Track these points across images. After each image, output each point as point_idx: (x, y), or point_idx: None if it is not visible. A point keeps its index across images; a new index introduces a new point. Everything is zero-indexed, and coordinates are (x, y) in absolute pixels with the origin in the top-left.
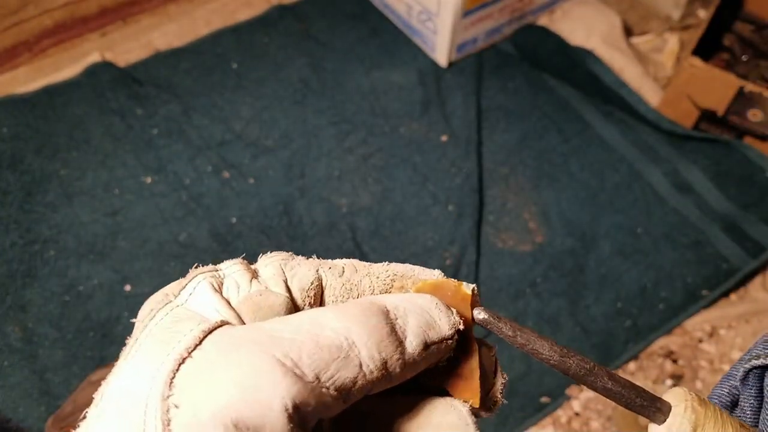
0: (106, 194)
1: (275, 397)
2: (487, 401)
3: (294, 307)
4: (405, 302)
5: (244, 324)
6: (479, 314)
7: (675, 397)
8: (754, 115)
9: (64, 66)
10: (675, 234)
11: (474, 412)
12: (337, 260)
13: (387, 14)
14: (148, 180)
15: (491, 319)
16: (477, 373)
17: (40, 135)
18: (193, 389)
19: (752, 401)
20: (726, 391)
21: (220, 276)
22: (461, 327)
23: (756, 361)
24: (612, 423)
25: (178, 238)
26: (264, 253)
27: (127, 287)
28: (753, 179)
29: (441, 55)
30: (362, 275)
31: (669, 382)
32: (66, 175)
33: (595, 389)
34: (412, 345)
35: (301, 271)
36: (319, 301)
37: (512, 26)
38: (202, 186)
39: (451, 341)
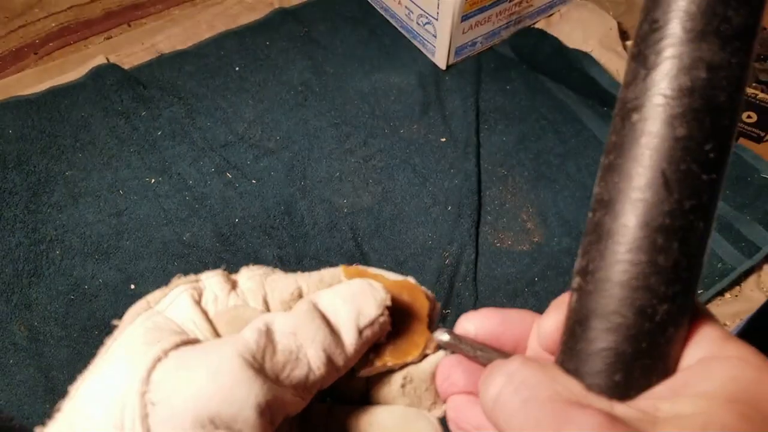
0: (111, 195)
1: (250, 395)
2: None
3: None
4: (336, 296)
5: (219, 335)
6: (442, 335)
7: None
8: (749, 117)
9: (70, 68)
10: None
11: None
12: (322, 270)
13: (387, 18)
14: (153, 181)
15: (452, 341)
16: (424, 336)
17: (45, 136)
18: (170, 386)
19: None
20: None
21: (200, 287)
22: (389, 303)
23: None
24: None
25: (182, 238)
26: (247, 266)
27: (132, 286)
28: (748, 180)
29: (440, 58)
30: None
31: None
32: (71, 176)
33: None
34: (348, 335)
35: (281, 284)
36: None
37: (510, 29)
38: (205, 187)
39: (382, 319)
